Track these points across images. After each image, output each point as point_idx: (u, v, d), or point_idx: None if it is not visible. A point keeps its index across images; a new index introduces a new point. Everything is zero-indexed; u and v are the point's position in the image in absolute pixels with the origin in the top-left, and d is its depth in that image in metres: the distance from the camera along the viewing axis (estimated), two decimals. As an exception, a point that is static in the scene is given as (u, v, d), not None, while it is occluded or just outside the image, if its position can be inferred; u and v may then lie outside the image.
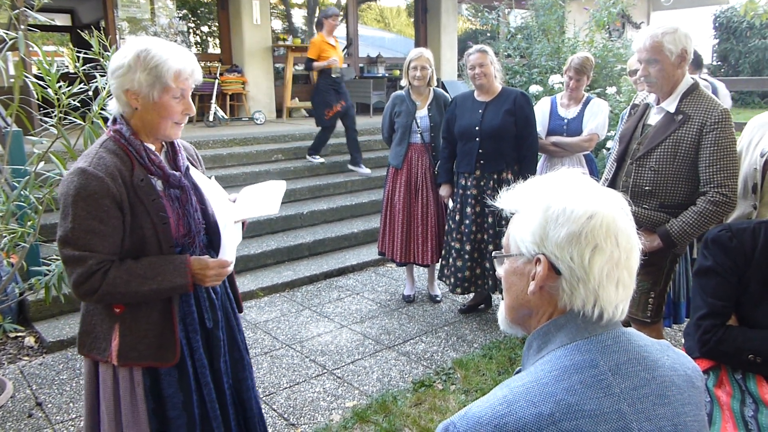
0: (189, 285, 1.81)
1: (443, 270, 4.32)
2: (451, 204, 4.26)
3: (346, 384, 3.44)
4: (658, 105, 2.66)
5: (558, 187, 1.06)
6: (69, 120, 3.02)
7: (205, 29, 10.54)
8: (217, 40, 9.74)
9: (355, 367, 3.63)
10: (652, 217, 2.64)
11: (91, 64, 2.95)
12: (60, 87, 2.93)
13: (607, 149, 5.38)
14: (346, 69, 7.49)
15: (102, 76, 2.90)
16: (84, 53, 2.98)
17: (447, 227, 4.27)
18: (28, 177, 3.08)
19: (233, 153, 6.61)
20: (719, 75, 15.03)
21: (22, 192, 3.07)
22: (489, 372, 3.48)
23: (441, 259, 4.37)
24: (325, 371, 3.59)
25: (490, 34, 10.69)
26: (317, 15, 7.38)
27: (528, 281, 1.07)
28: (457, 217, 4.14)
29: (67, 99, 2.95)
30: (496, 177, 3.99)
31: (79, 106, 3.03)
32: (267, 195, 2.08)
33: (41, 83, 2.91)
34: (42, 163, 3.13)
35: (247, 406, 2.16)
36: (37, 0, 3.06)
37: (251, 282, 4.93)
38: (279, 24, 10.95)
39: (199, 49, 10.34)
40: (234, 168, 6.43)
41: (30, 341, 3.94)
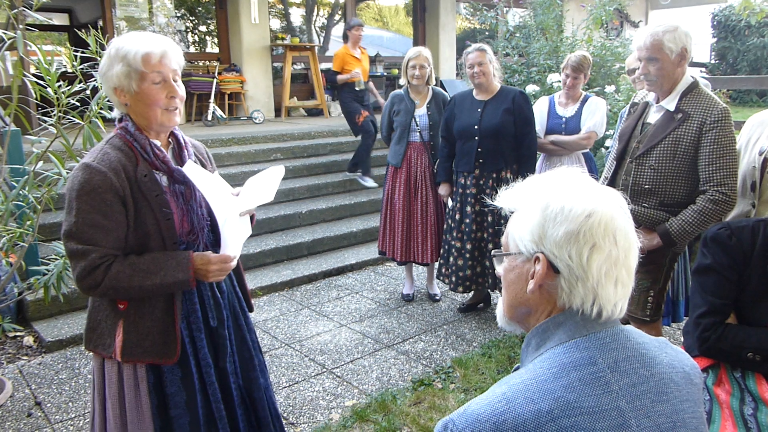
0: (191, 281, 1.80)
1: (443, 269, 4.32)
2: (451, 203, 4.26)
3: (345, 383, 3.44)
4: (657, 103, 2.66)
5: (556, 186, 1.06)
6: (68, 119, 3.01)
7: (204, 28, 10.53)
8: (216, 39, 9.74)
9: (355, 366, 3.63)
10: (651, 216, 2.64)
11: (89, 63, 2.94)
12: (59, 86, 2.92)
13: (606, 148, 5.38)
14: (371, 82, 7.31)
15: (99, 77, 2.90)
16: (82, 52, 2.98)
17: (446, 226, 4.27)
18: (26, 176, 3.08)
19: (232, 152, 6.61)
20: (717, 73, 15.04)
21: (20, 191, 3.06)
22: (488, 371, 3.48)
23: (441, 259, 4.37)
24: (325, 370, 3.59)
25: (488, 32, 10.69)
26: (343, 24, 7.29)
27: (527, 280, 1.07)
28: (457, 216, 4.14)
29: (66, 98, 2.94)
30: (495, 176, 3.99)
31: (78, 105, 3.03)
32: (266, 183, 2.04)
33: (40, 82, 2.91)
34: (41, 163, 3.13)
35: (259, 406, 2.12)
36: (36, -1, 3.06)
37: (250, 281, 4.93)
38: (277, 23, 10.94)
39: (198, 49, 10.34)
40: (233, 167, 6.43)
41: (29, 341, 3.94)
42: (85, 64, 2.97)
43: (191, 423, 1.92)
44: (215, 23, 9.60)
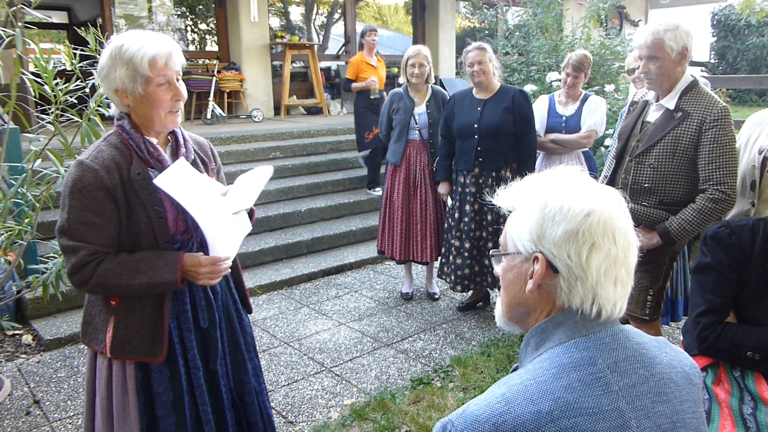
0: (178, 282, 1.78)
1: (443, 268, 4.32)
2: (450, 202, 4.26)
3: (344, 382, 3.44)
4: (657, 102, 2.65)
5: (555, 185, 1.06)
6: (66, 117, 3.01)
7: (203, 27, 10.51)
8: (215, 37, 9.72)
9: (354, 365, 3.63)
10: (651, 215, 2.64)
11: (88, 61, 2.94)
12: (57, 84, 2.92)
13: (605, 147, 5.37)
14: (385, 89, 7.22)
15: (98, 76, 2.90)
16: (81, 50, 2.97)
17: (446, 225, 4.27)
18: (25, 174, 3.07)
19: (231, 151, 6.60)
20: (717, 73, 15.03)
21: (19, 189, 3.06)
22: (487, 369, 3.48)
23: (441, 257, 4.37)
24: (324, 369, 3.59)
25: (488, 31, 10.68)
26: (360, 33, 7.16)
27: (526, 279, 1.06)
28: (456, 215, 4.14)
29: (64, 96, 2.94)
30: (494, 175, 3.99)
31: (77, 103, 3.02)
32: (254, 183, 2.00)
33: (38, 80, 2.90)
34: (39, 161, 3.13)
35: (250, 410, 2.09)
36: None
37: (249, 280, 4.92)
38: (276, 21, 10.93)
39: (197, 47, 10.32)
40: (232, 166, 6.41)
41: (28, 339, 3.94)
42: (84, 62, 2.96)
43: (177, 424, 1.90)
44: (214, 21, 9.59)
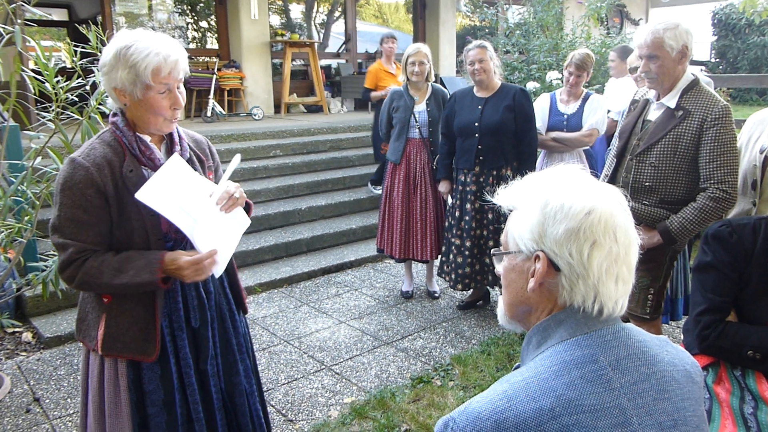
0: (158, 282, 1.74)
1: (443, 266, 4.32)
2: (451, 200, 4.26)
3: (344, 380, 3.44)
4: (658, 101, 2.65)
5: (555, 184, 1.06)
6: (66, 115, 3.00)
7: (203, 24, 10.50)
8: (215, 35, 9.71)
9: (354, 363, 3.63)
10: (651, 213, 2.63)
11: (89, 58, 2.93)
12: (57, 82, 2.91)
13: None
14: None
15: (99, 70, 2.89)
16: (81, 48, 2.97)
17: (447, 224, 4.27)
18: (25, 172, 3.07)
19: (231, 149, 6.59)
20: (717, 72, 15.03)
21: (19, 187, 3.06)
22: (487, 368, 3.48)
23: (441, 256, 4.37)
24: (324, 367, 3.59)
25: (488, 30, 10.67)
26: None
27: (527, 278, 1.06)
28: (457, 214, 4.14)
29: (65, 94, 2.93)
30: (495, 173, 3.99)
31: (77, 100, 3.02)
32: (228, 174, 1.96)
33: (39, 78, 2.90)
34: (39, 159, 3.12)
35: (240, 412, 2.06)
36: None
37: (249, 278, 4.92)
38: (277, 19, 10.92)
39: (197, 45, 10.31)
40: (232, 164, 6.41)
41: (27, 337, 3.94)
42: (85, 59, 2.96)
43: (169, 422, 1.89)
44: (215, 19, 9.58)
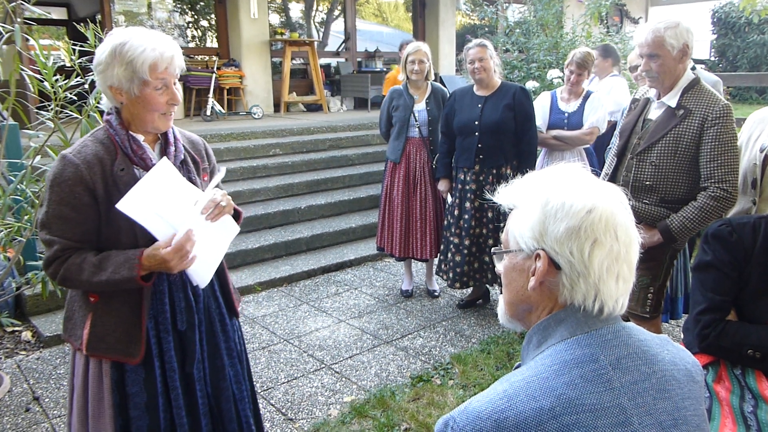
0: (137, 279, 1.72)
1: (440, 265, 4.32)
2: (450, 199, 4.25)
3: (344, 379, 3.44)
4: (658, 100, 2.65)
5: (556, 182, 1.06)
6: (65, 113, 3.00)
7: (203, 23, 10.50)
8: (215, 34, 9.70)
9: (353, 362, 3.63)
10: (652, 212, 2.63)
11: (88, 57, 2.93)
12: (56, 80, 2.91)
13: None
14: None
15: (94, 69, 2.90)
16: (80, 46, 2.97)
17: (445, 222, 4.26)
18: (24, 171, 3.07)
19: (231, 147, 6.59)
20: (717, 70, 15.02)
21: (18, 186, 3.05)
22: (487, 367, 3.48)
23: (439, 254, 4.37)
24: (323, 366, 3.58)
25: (488, 28, 10.67)
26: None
27: (528, 277, 1.06)
28: (456, 212, 4.13)
29: (64, 92, 2.93)
30: (495, 172, 3.99)
31: (76, 99, 3.02)
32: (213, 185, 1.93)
33: (38, 77, 2.89)
34: (38, 157, 3.12)
35: (226, 418, 2.02)
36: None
37: (249, 277, 4.92)
38: (276, 18, 10.91)
39: (197, 43, 10.31)
40: (231, 162, 6.41)
41: (27, 336, 3.93)
42: (84, 58, 2.96)
43: (151, 426, 1.86)
44: (214, 18, 9.57)
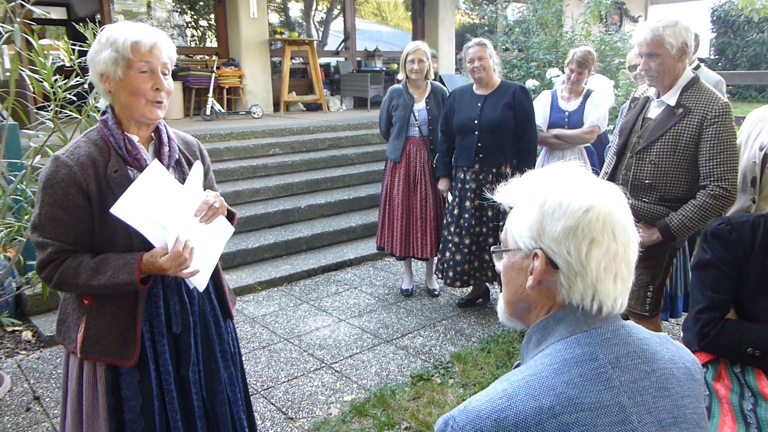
0: (136, 282, 1.71)
1: (439, 264, 4.32)
2: (450, 198, 4.26)
3: (344, 378, 3.44)
4: (658, 98, 2.65)
5: (554, 181, 1.06)
6: (65, 113, 3.00)
7: (202, 23, 10.49)
8: (214, 33, 9.70)
9: (354, 361, 3.63)
10: (651, 211, 2.63)
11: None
12: (56, 80, 2.91)
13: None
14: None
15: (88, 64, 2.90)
16: (80, 46, 2.97)
17: (445, 221, 4.26)
18: (24, 171, 3.07)
19: (230, 147, 6.59)
20: (717, 69, 15.02)
21: (18, 186, 3.05)
22: (487, 366, 3.48)
23: (438, 253, 4.37)
24: (324, 365, 3.59)
25: (487, 27, 10.68)
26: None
27: (526, 276, 1.06)
28: (456, 211, 4.13)
29: (63, 92, 2.93)
30: (495, 171, 3.99)
31: (75, 99, 3.02)
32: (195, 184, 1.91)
33: (37, 77, 2.89)
34: (38, 157, 3.12)
35: (221, 420, 2.01)
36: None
37: (249, 276, 4.93)
38: (276, 17, 10.91)
39: (196, 43, 10.30)
40: (231, 162, 6.42)
41: (27, 335, 3.94)
42: (83, 58, 2.96)
43: (146, 430, 1.84)
44: (214, 17, 9.57)
